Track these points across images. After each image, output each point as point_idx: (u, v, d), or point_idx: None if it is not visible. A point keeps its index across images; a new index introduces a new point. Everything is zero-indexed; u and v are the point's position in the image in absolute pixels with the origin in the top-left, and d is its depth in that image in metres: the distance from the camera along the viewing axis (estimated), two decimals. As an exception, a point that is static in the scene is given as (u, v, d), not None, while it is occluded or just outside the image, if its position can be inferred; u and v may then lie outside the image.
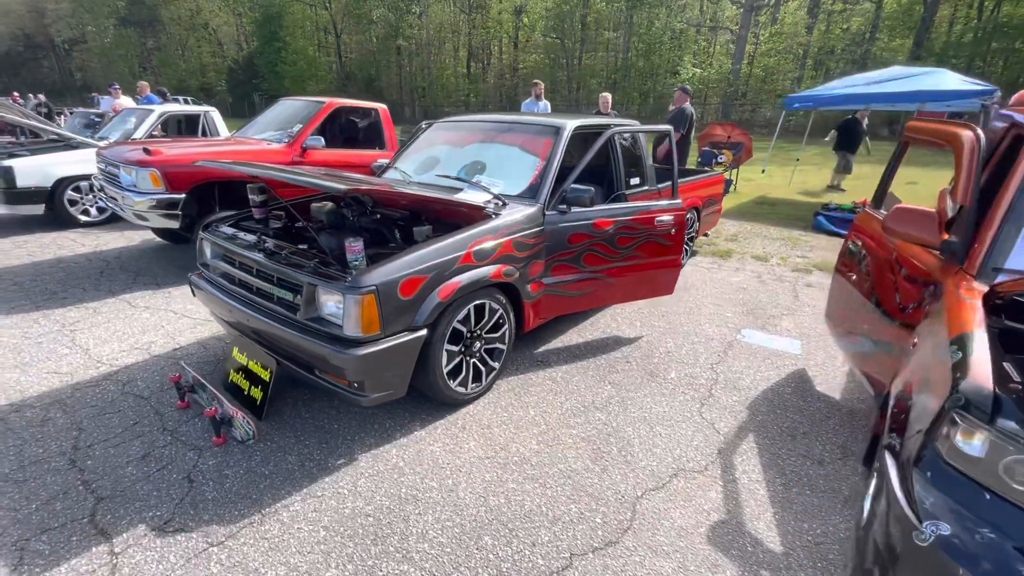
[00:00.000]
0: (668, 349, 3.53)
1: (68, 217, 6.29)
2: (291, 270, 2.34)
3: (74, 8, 49.60)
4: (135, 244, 5.75)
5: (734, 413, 2.79)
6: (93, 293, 4.27)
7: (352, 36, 46.06)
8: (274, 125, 5.62)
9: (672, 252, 3.59)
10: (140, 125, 6.83)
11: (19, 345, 3.34)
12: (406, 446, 2.45)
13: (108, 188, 4.63)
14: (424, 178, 3.50)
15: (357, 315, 2.13)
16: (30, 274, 4.70)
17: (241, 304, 2.58)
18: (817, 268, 5.48)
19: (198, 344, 3.42)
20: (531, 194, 3.07)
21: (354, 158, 5.44)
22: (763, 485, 2.24)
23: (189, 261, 5.10)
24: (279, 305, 2.42)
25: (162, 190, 4.21)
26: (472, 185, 3.14)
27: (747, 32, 32.92)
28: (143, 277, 4.67)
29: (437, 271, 2.40)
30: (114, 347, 3.35)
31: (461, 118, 3.97)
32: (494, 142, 3.56)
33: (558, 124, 3.38)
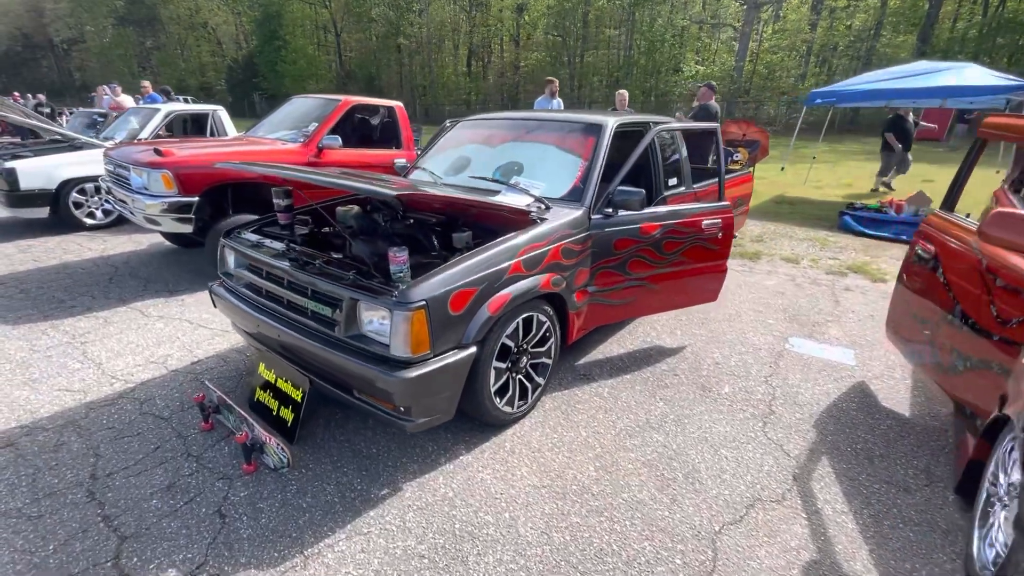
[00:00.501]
0: (716, 360, 3.32)
1: (73, 220, 6.08)
2: (328, 283, 2.14)
3: (73, 8, 49.30)
4: (144, 248, 5.54)
5: (800, 432, 2.59)
6: (103, 301, 4.07)
7: (352, 35, 45.81)
8: (287, 124, 5.40)
9: (719, 257, 3.39)
10: (146, 125, 6.63)
11: (27, 359, 3.14)
12: (453, 473, 2.25)
13: (117, 191, 4.42)
14: (456, 180, 3.30)
15: (406, 334, 1.93)
16: (36, 280, 4.50)
17: (270, 318, 2.38)
18: (852, 271, 5.28)
19: (218, 357, 3.22)
20: (575, 197, 2.87)
21: (371, 158, 5.23)
22: (850, 517, 2.04)
23: (202, 266, 4.90)
24: (314, 320, 2.22)
25: (175, 193, 4.00)
26: (510, 187, 2.94)
27: (750, 29, 32.73)
28: (154, 284, 4.47)
29: (487, 283, 2.19)
30: (128, 361, 3.15)
31: (490, 116, 3.76)
32: (529, 141, 3.36)
33: (600, 121, 3.18)
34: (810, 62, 34.08)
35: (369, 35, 43.97)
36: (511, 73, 42.59)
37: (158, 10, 47.36)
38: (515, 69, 42.18)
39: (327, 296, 2.17)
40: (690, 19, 34.96)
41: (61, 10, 50.27)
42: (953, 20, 30.84)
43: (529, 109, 5.49)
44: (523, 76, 41.90)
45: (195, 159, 4.11)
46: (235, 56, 48.55)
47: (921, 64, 8.84)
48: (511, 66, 42.43)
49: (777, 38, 32.89)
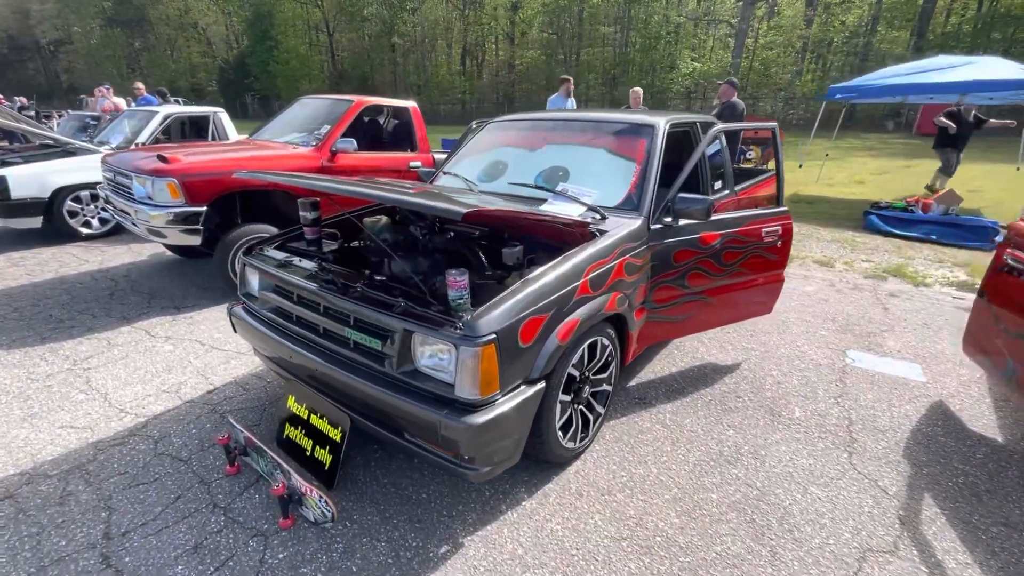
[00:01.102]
0: (776, 379, 3.08)
1: (68, 230, 5.76)
2: (376, 311, 1.86)
3: (59, 9, 48.52)
4: (144, 260, 5.23)
5: (891, 464, 2.34)
6: (104, 320, 3.77)
7: (344, 34, 45.36)
8: (295, 127, 5.11)
9: (777, 267, 3.15)
10: (143, 129, 6.31)
11: (25, 390, 2.84)
12: (518, 523, 1.98)
13: (116, 200, 4.12)
14: (492, 186, 3.03)
15: (474, 372, 1.66)
16: (30, 297, 4.18)
17: (304, 348, 2.11)
18: (890, 274, 5.05)
19: (236, 385, 2.93)
20: (632, 205, 2.60)
21: (386, 161, 4.95)
22: (978, 571, 1.79)
23: (207, 279, 4.61)
24: (358, 353, 1.95)
25: (181, 202, 3.71)
26: (557, 195, 2.67)
27: (747, 26, 32.61)
28: (159, 300, 4.17)
29: (556, 308, 1.93)
30: (137, 391, 2.86)
31: (524, 117, 3.49)
32: (572, 144, 3.09)
33: (650, 122, 2.92)
34: (806, 58, 34.01)
35: (362, 34, 43.55)
36: (506, 72, 42.28)
37: (147, 11, 46.69)
38: (510, 68, 41.87)
39: (375, 326, 1.89)
40: (686, 16, 34.80)
41: (47, 11, 49.45)
42: (946, 15, 30.85)
43: (526, 108, 5.18)
44: (518, 75, 41.64)
45: (203, 166, 3.81)
46: (226, 57, 47.96)
47: (940, 59, 8.64)
48: (506, 65, 42.13)
49: (773, 34, 32.80)
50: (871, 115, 29.13)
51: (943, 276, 4.99)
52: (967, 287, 4.67)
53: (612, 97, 37.02)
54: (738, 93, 6.73)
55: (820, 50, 33.80)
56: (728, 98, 6.77)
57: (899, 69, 8.62)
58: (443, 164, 3.60)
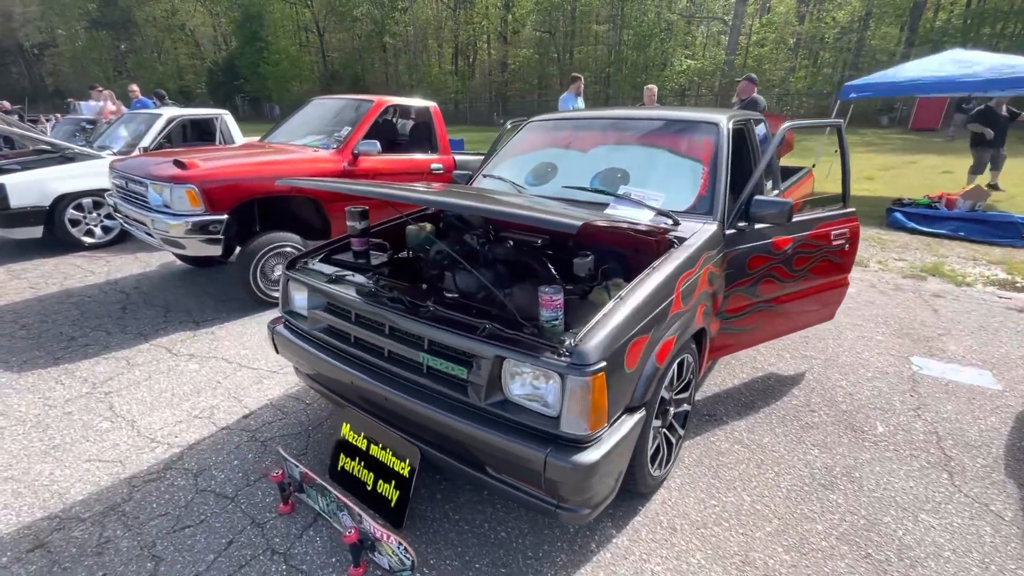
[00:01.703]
0: (846, 390, 2.91)
1: (70, 239, 5.50)
2: (458, 334, 1.66)
3: (43, 11, 47.65)
4: (154, 270, 4.98)
5: (997, 486, 2.17)
6: (120, 337, 3.53)
7: (335, 34, 44.95)
8: (310, 129, 4.89)
9: (843, 270, 2.98)
10: (146, 133, 6.05)
11: (43, 419, 2.61)
12: (614, 566, 1.79)
13: (128, 209, 3.88)
14: (544, 190, 2.83)
15: (586, 405, 1.46)
16: (37, 313, 3.94)
17: (364, 373, 1.90)
18: (928, 273, 4.91)
19: (273, 407, 2.72)
20: (704, 208, 2.42)
21: (407, 164, 4.74)
22: None
23: (223, 289, 4.38)
24: (432, 379, 1.75)
25: (201, 211, 3.48)
26: (620, 199, 2.48)
27: (740, 22, 32.66)
28: (176, 313, 3.93)
29: (655, 327, 1.74)
30: (166, 416, 2.64)
31: (567, 116, 3.31)
32: (627, 144, 2.90)
33: (714, 119, 2.73)
34: (799, 55, 34.11)
35: (353, 34, 43.16)
36: (498, 71, 42.07)
37: (133, 12, 45.99)
38: (503, 67, 41.66)
39: (454, 351, 1.69)
40: (680, 14, 34.77)
41: (31, 14, 48.55)
42: (935, 10, 31.05)
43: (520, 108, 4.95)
44: (511, 74, 41.43)
45: (223, 171, 3.59)
46: (215, 58, 47.41)
47: (955, 53, 8.52)
48: (499, 64, 41.91)
49: (765, 31, 32.88)
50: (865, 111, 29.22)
51: (982, 275, 4.86)
52: (1010, 286, 4.54)
53: (606, 95, 36.97)
54: (728, 90, 6.60)
55: (813, 46, 33.89)
56: (749, 94, 6.62)
57: (913, 65, 8.50)
58: (481, 166, 3.40)
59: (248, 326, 3.71)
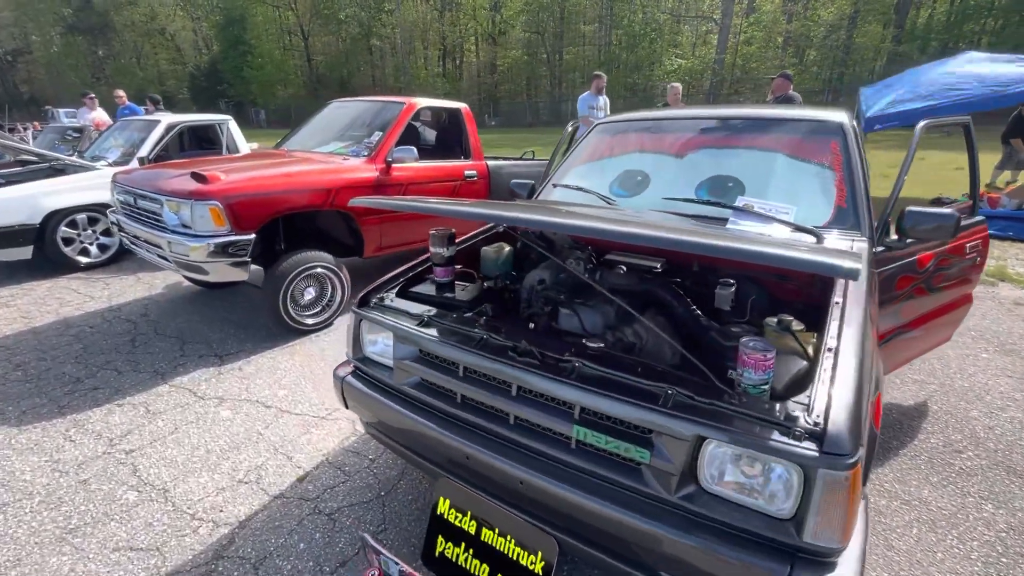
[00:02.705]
0: (983, 423, 2.56)
1: (64, 260, 5.00)
2: (630, 403, 1.27)
3: (16, 17, 46.34)
4: (160, 293, 4.51)
5: None
6: (132, 377, 3.07)
7: (320, 37, 44.30)
8: (332, 134, 4.46)
9: (969, 284, 2.64)
10: (144, 141, 5.56)
11: (54, 490, 2.16)
12: None
13: (136, 228, 3.42)
14: (640, 202, 2.44)
15: (842, 509, 1.07)
16: (32, 348, 3.46)
17: (484, 446, 1.50)
18: (996, 278, 4.62)
19: (330, 466, 2.29)
20: (849, 222, 2.05)
21: (441, 171, 4.32)
22: None
23: (242, 315, 3.93)
24: (584, 457, 1.35)
25: (226, 230, 3.04)
26: (742, 213, 2.10)
27: (730, 21, 32.68)
28: (193, 345, 3.48)
29: (872, 383, 1.36)
30: (205, 483, 2.20)
31: (648, 116, 2.92)
32: (733, 147, 2.52)
33: (836, 118, 2.38)
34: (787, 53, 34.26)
35: (339, 37, 42.56)
36: (487, 73, 41.74)
37: (111, 17, 44.88)
38: (492, 69, 41.33)
39: (625, 424, 1.30)
40: (670, 13, 34.69)
41: (3, 19, 47.15)
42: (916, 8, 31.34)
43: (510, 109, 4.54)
44: (500, 75, 41.11)
45: (250, 185, 3.15)
46: (197, 63, 46.46)
47: (973, 55, 8.16)
48: (488, 65, 41.57)
49: (752, 29, 32.96)
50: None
51: (1054, 279, 4.58)
52: (1089, 291, 4.26)
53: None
54: (718, 89, 6.29)
55: (801, 44, 34.05)
56: (784, 92, 6.31)
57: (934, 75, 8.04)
58: (546, 175, 3.01)
59: (279, 360, 3.27)
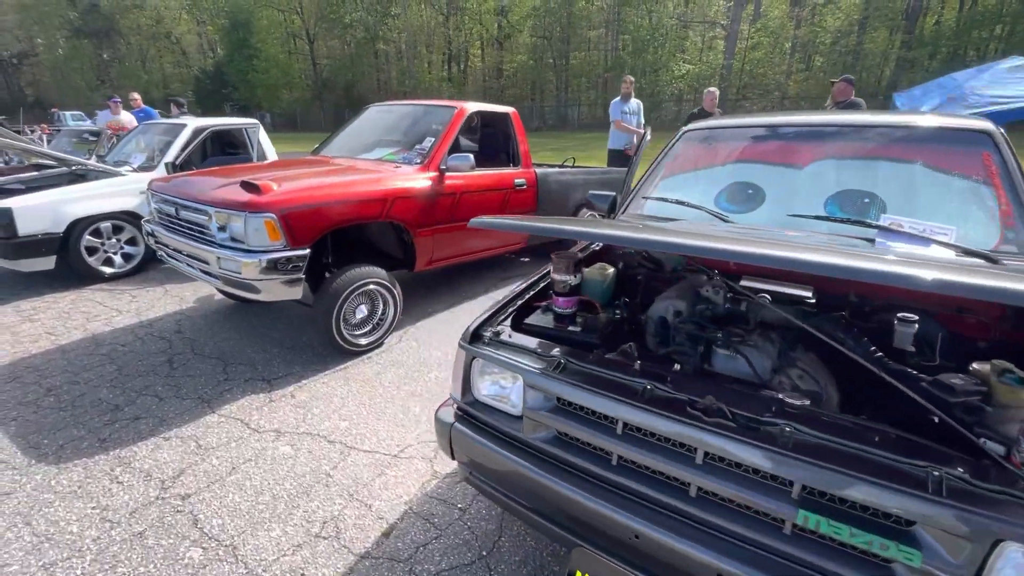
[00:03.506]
0: None
1: (87, 270, 4.74)
2: (880, 484, 1.00)
3: (21, 20, 46.28)
4: (191, 307, 4.24)
5: None
6: (176, 405, 2.81)
7: (326, 41, 44.25)
8: (374, 140, 4.22)
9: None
10: (170, 146, 5.31)
11: (106, 543, 1.89)
12: None
13: (175, 240, 3.16)
14: (756, 218, 2.18)
15: None
16: (63, 370, 3.20)
17: (661, 525, 1.24)
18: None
19: (416, 517, 2.02)
20: (1021, 244, 1.79)
21: (493, 180, 4.07)
22: None
23: (283, 331, 3.68)
24: (807, 547, 1.09)
25: (281, 244, 2.78)
26: (889, 233, 1.85)
27: (738, 27, 32.58)
28: (236, 367, 3.22)
29: None
30: (277, 537, 1.93)
31: (752, 122, 2.66)
32: (863, 158, 2.25)
33: (985, 126, 2.11)
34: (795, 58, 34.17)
35: (344, 41, 42.48)
36: (494, 77, 41.62)
37: (117, 20, 44.83)
38: (498, 73, 41.23)
39: (865, 511, 1.03)
40: (678, 19, 34.56)
41: (8, 23, 47.09)
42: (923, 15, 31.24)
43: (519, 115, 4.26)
44: (506, 80, 40.99)
45: (306, 195, 2.89)
46: (202, 66, 46.42)
47: (1018, 60, 7.97)
48: (494, 70, 41.48)
49: (759, 35, 32.85)
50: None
51: None
52: None
53: (604, 101, 36.69)
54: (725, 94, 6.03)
55: (809, 50, 33.95)
56: (847, 97, 5.97)
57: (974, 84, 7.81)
58: (631, 185, 2.76)
59: (333, 385, 3.01)
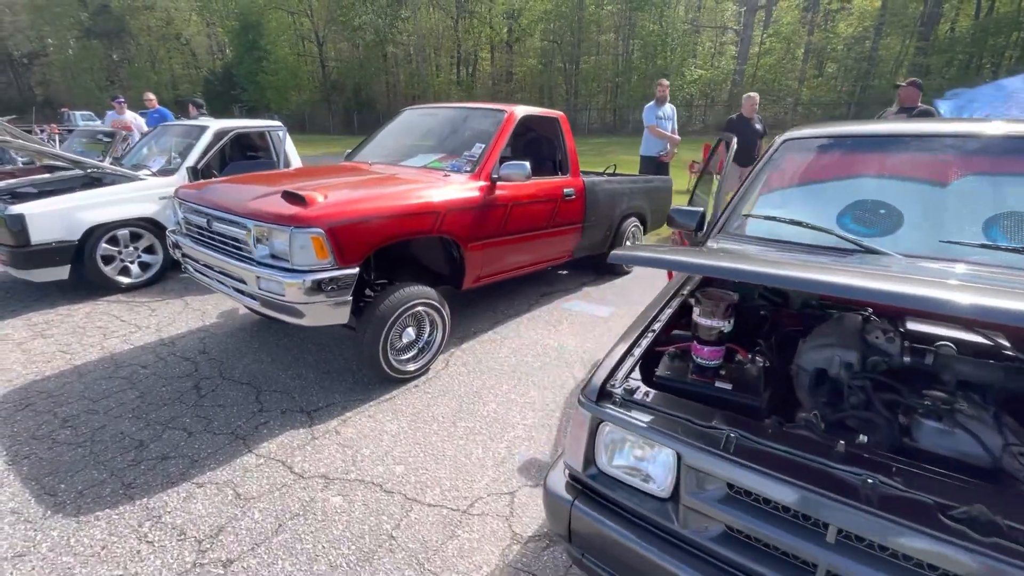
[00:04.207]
0: None
1: (102, 280, 4.45)
2: None
3: (33, 20, 46.42)
4: (215, 323, 3.94)
5: None
6: (207, 441, 2.50)
7: (336, 44, 44.21)
8: (413, 145, 3.92)
9: None
10: (191, 149, 5.03)
11: (139, 630, 1.58)
12: None
13: (205, 254, 2.86)
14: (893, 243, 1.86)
15: None
16: (80, 396, 2.89)
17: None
18: None
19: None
20: None
21: (544, 190, 3.76)
22: None
23: (316, 352, 3.37)
24: None
25: (329, 263, 2.47)
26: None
27: (751, 32, 32.35)
28: (270, 395, 2.91)
29: None
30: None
31: (868, 131, 2.34)
32: (1007, 174, 1.94)
33: None
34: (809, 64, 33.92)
35: (354, 44, 42.42)
36: (503, 82, 41.41)
37: (127, 21, 44.89)
38: (508, 77, 41.04)
39: None
40: (691, 23, 34.30)
41: (20, 23, 47.23)
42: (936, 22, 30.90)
43: None
44: (516, 84, 40.79)
45: (355, 208, 2.58)
46: (212, 67, 46.44)
47: None
48: (504, 73, 41.31)
49: (771, 41, 32.58)
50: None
51: None
52: None
53: (615, 106, 36.52)
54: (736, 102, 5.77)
55: (824, 56, 33.70)
56: (914, 102, 5.59)
57: None
58: (733, 202, 2.44)
59: (381, 419, 2.69)
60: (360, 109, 41.39)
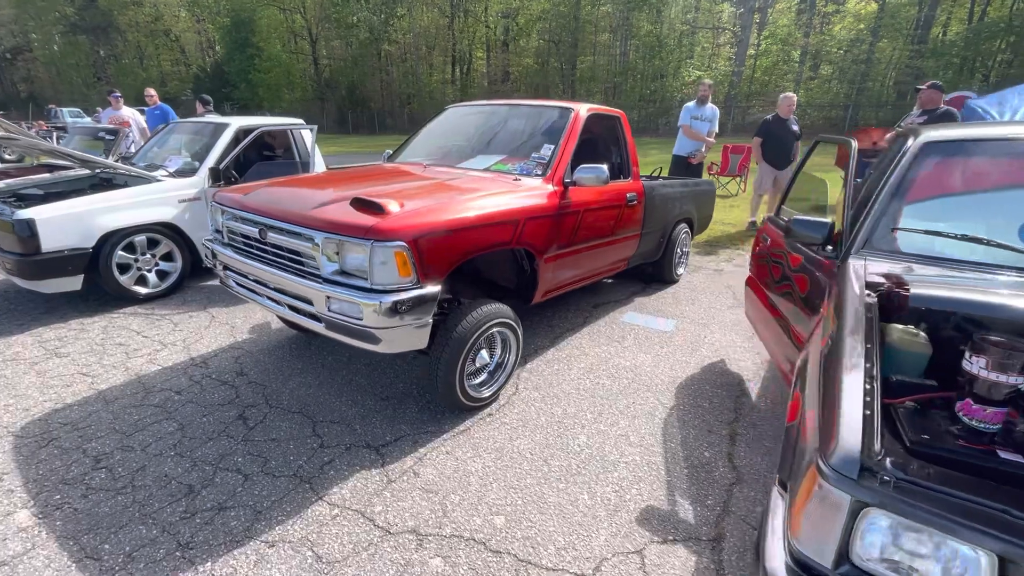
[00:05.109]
0: None
1: (119, 290, 4.08)
2: None
3: (16, 14, 45.25)
4: (247, 338, 3.59)
5: None
6: (267, 485, 2.17)
7: (330, 42, 43.61)
8: (466, 146, 3.60)
9: None
10: (211, 149, 4.67)
11: None
12: None
13: (255, 268, 2.53)
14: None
15: None
16: (111, 429, 2.54)
17: None
18: None
19: None
20: None
21: (610, 194, 3.45)
22: None
23: (369, 374, 3.04)
24: None
25: (411, 281, 2.15)
26: None
27: (748, 34, 32.36)
28: (327, 426, 2.58)
29: None
30: None
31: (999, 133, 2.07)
32: None
33: None
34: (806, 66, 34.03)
35: (348, 42, 41.85)
36: (499, 82, 41.09)
37: (115, 17, 43.91)
38: (504, 77, 40.73)
39: None
40: (690, 24, 34.22)
41: (4, 17, 46.03)
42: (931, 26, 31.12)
43: None
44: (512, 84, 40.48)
45: (440, 219, 2.26)
46: (202, 64, 45.59)
47: None
48: (501, 72, 41.00)
49: (768, 43, 32.62)
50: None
51: None
52: None
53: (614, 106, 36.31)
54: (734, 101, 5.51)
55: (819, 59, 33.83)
56: (936, 104, 5.47)
57: None
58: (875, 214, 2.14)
59: (461, 457, 2.37)
60: (354, 108, 40.84)
